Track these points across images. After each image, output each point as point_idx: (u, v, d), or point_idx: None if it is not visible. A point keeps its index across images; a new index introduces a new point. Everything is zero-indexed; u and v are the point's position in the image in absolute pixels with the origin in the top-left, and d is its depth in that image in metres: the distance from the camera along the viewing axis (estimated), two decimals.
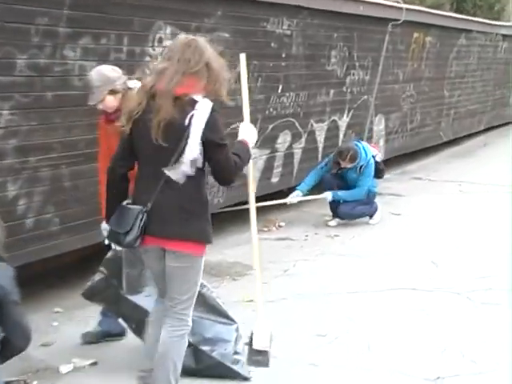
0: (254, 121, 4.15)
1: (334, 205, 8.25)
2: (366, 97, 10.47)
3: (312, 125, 9.12)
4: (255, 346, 3.89)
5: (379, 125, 11.18)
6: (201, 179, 3.54)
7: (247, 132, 3.75)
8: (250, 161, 3.76)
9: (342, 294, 5.74)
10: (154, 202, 3.49)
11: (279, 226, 8.07)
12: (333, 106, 9.51)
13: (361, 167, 8.10)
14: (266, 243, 7.23)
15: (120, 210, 3.55)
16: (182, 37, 3.58)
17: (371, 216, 8.32)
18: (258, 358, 3.90)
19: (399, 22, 10.64)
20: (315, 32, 8.77)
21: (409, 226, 8.13)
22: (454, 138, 14.84)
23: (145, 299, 4.17)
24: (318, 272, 6.32)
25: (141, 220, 3.47)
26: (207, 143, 3.45)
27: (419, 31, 12.02)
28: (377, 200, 8.57)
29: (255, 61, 7.50)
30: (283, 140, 8.50)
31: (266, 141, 8.06)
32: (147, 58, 6.02)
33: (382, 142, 11.31)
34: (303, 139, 8.93)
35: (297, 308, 5.47)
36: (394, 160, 12.09)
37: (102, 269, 4.28)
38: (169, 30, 6.24)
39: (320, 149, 9.38)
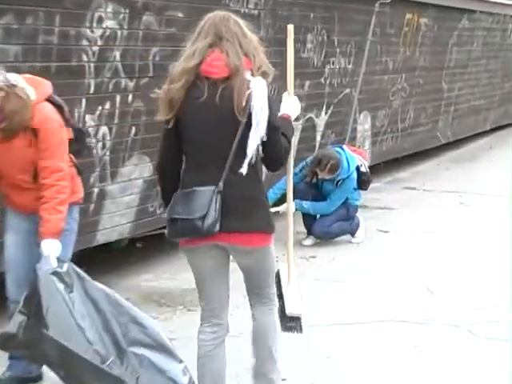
0: None
1: (309, 220, 8.31)
2: (348, 90, 10.55)
3: None
4: (288, 312, 4.31)
5: (364, 124, 11.26)
6: (258, 165, 3.89)
7: (289, 104, 4.09)
8: (293, 138, 4.05)
9: (320, 326, 5.77)
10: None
11: None
12: (308, 101, 9.57)
13: (339, 181, 8.16)
14: (232, 265, 7.23)
15: (185, 196, 3.78)
16: (214, 13, 3.87)
17: (353, 234, 8.39)
18: (292, 324, 4.36)
19: (389, 1, 10.76)
20: (287, 12, 8.82)
21: (399, 246, 8.20)
22: (453, 140, 15.01)
23: None
24: None
25: (215, 202, 3.72)
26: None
27: (413, 11, 12.14)
28: (362, 214, 8.63)
29: None
30: None
31: None
32: (84, 42, 6.02)
33: (367, 145, 11.40)
34: None
35: None
36: (383, 166, 12.20)
37: (21, 309, 4.25)
38: (110, 7, 6.24)
39: (293, 152, 9.40)
